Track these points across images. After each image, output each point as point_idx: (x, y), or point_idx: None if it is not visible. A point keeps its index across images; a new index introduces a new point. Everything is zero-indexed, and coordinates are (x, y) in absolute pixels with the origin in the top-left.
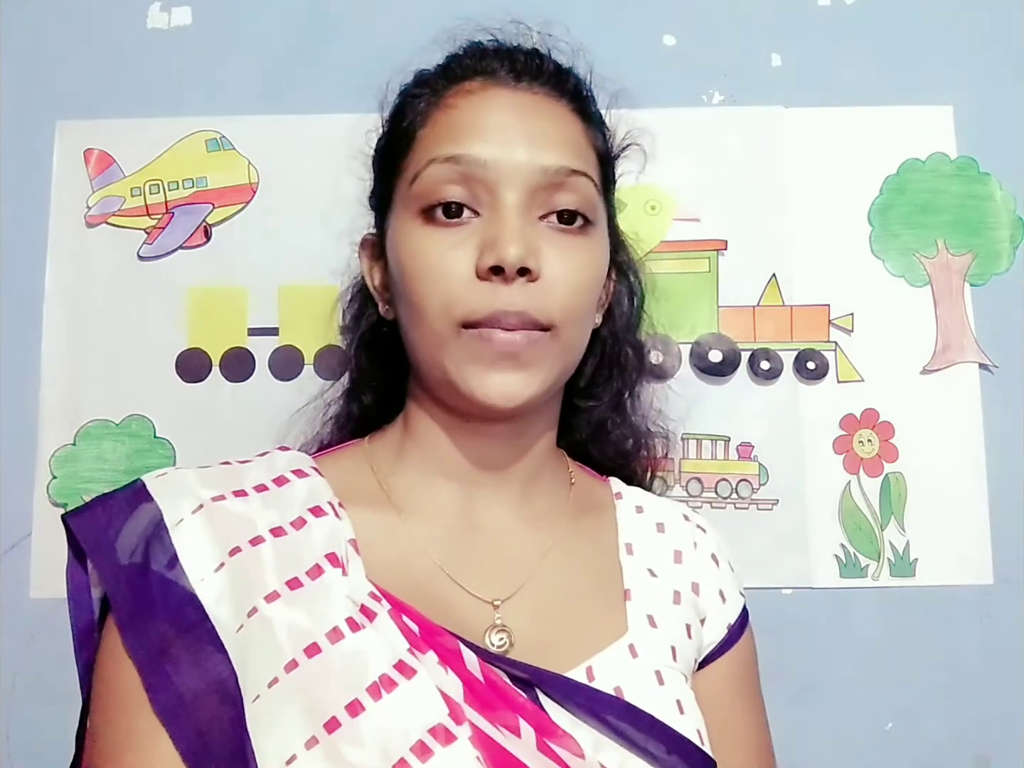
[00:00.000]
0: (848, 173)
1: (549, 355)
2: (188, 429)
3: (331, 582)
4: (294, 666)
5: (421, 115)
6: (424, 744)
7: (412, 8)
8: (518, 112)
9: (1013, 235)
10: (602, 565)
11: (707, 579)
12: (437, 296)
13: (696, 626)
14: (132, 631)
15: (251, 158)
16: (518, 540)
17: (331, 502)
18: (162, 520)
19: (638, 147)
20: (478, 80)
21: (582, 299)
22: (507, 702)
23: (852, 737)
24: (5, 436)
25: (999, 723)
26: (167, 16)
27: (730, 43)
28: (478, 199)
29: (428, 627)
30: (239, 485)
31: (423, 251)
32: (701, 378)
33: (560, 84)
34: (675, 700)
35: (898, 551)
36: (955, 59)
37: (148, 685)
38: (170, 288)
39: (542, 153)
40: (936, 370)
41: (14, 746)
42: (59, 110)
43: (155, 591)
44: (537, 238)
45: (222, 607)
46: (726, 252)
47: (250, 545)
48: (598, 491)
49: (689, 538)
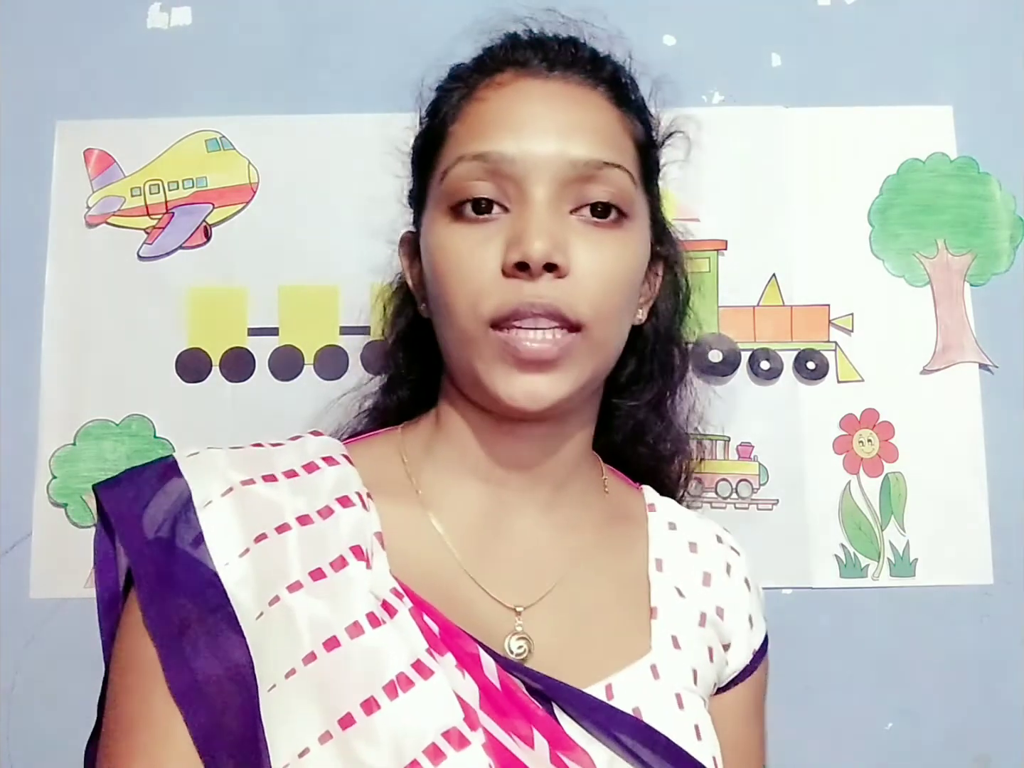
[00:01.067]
0: (848, 173)
1: (580, 356)
2: (188, 429)
3: (354, 575)
4: (312, 659)
5: (453, 109)
6: (437, 747)
7: (412, 8)
8: (548, 102)
9: (1013, 235)
10: (630, 579)
11: (737, 603)
12: (464, 294)
13: (718, 650)
14: (154, 606)
15: (251, 158)
16: (545, 546)
17: (359, 492)
18: (191, 500)
19: (683, 134)
20: (510, 71)
21: (615, 296)
22: (522, 711)
23: (852, 737)
24: (5, 436)
25: (999, 723)
26: (167, 16)
27: (730, 43)
28: (507, 194)
29: (448, 628)
30: (269, 469)
31: (451, 248)
32: (701, 378)
33: (595, 72)
34: (694, 725)
35: (898, 551)
36: (955, 59)
37: (165, 663)
38: (170, 288)
39: (572, 145)
40: (936, 370)
41: (14, 746)
42: (59, 110)
43: (179, 568)
44: (567, 232)
45: (244, 592)
46: (726, 252)
47: (276, 532)
48: (631, 501)
49: (722, 561)
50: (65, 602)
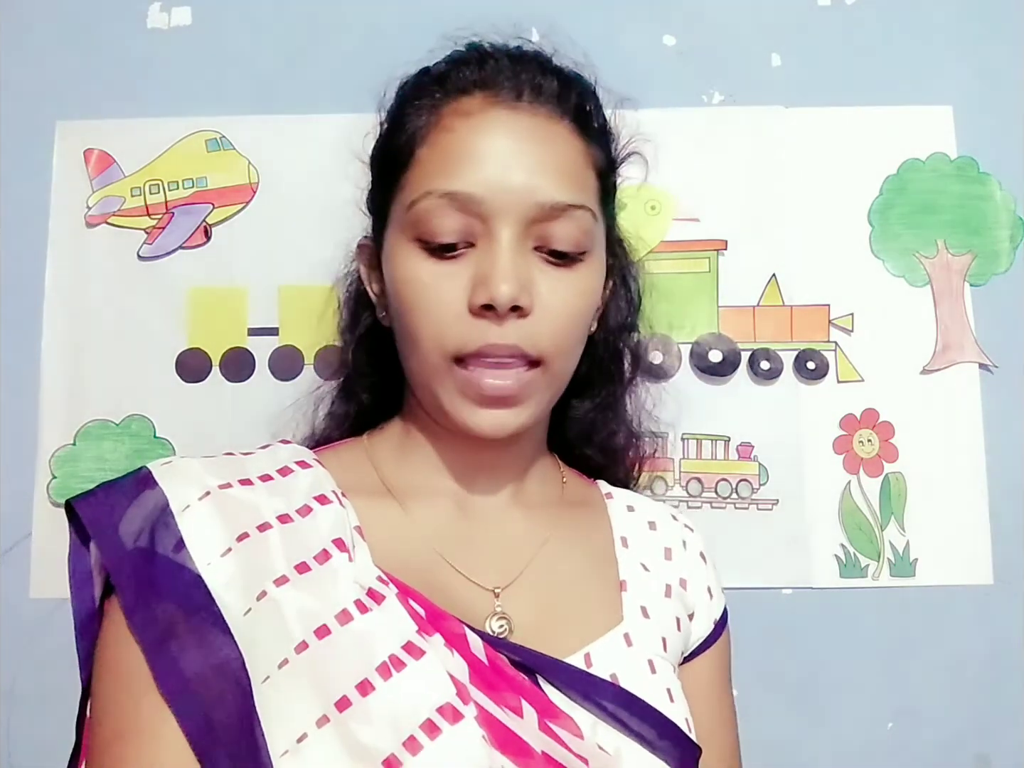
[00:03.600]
0: (848, 173)
1: (539, 388)
2: (188, 429)
3: (338, 567)
4: (304, 647)
5: (421, 131)
6: (432, 722)
7: (413, 9)
8: (516, 137)
9: (1013, 235)
10: (598, 557)
11: (696, 576)
12: (429, 328)
13: (684, 620)
14: (138, 613)
15: (251, 158)
16: (517, 529)
17: (335, 491)
18: (168, 506)
19: (639, 155)
20: (478, 97)
21: (575, 331)
22: (510, 684)
23: (852, 737)
24: (5, 436)
25: (999, 723)
26: (167, 16)
27: (730, 43)
28: (473, 231)
29: (434, 611)
30: (244, 474)
31: (418, 282)
32: (701, 378)
33: (562, 103)
34: (666, 689)
35: (898, 551)
36: (955, 59)
37: (154, 667)
38: (170, 288)
39: (539, 186)
40: (936, 370)
41: (14, 746)
42: (59, 110)
43: (161, 573)
44: (530, 270)
45: (229, 591)
46: (726, 252)
47: (257, 531)
48: (588, 491)
49: (679, 537)
50: (65, 602)
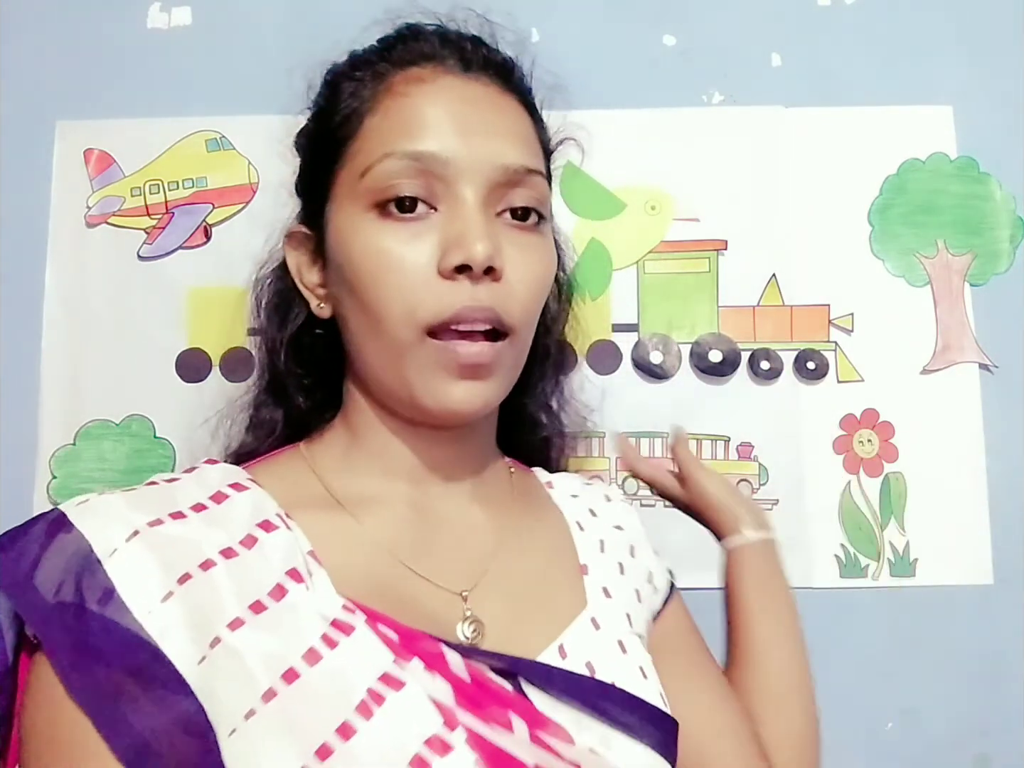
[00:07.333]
0: (848, 173)
1: (508, 361)
2: (188, 429)
3: (297, 601)
4: (272, 695)
5: (368, 101)
6: (422, 758)
7: (413, 10)
8: (473, 103)
9: (1013, 235)
10: (557, 544)
11: (640, 542)
12: (397, 297)
13: (644, 588)
14: (77, 677)
15: (251, 158)
16: (475, 527)
17: (279, 514)
18: (91, 552)
19: (574, 141)
20: (428, 67)
21: (539, 300)
22: (496, 698)
23: (852, 737)
24: (5, 436)
25: (999, 723)
26: (167, 16)
27: (730, 43)
28: (434, 194)
29: (406, 633)
30: (174, 506)
31: (381, 247)
32: (701, 378)
33: (507, 78)
34: (638, 667)
35: (898, 551)
36: (955, 59)
37: (106, 731)
38: (170, 288)
39: (503, 149)
40: (936, 370)
41: None
42: (59, 110)
43: (95, 634)
44: (498, 236)
45: (176, 640)
46: (726, 252)
47: (200, 570)
48: (530, 481)
49: (621, 510)
50: None
